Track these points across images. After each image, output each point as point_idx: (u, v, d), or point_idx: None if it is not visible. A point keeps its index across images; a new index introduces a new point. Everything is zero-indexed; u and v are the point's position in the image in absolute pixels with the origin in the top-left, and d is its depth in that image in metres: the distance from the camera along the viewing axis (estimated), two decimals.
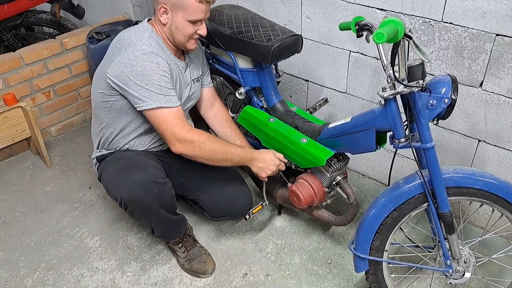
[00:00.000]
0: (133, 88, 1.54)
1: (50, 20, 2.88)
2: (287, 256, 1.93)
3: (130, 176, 1.62)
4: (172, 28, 1.60)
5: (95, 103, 1.75)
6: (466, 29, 1.63)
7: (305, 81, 2.28)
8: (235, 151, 1.69)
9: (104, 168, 1.75)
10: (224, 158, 1.66)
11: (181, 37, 1.62)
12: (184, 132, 1.58)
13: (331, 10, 1.98)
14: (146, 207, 1.62)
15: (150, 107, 1.55)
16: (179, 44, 1.65)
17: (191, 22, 1.58)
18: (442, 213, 1.40)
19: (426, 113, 1.30)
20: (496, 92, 1.68)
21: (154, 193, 1.61)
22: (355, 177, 2.35)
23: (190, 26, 1.59)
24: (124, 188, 1.61)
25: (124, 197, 1.61)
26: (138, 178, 1.60)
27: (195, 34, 1.63)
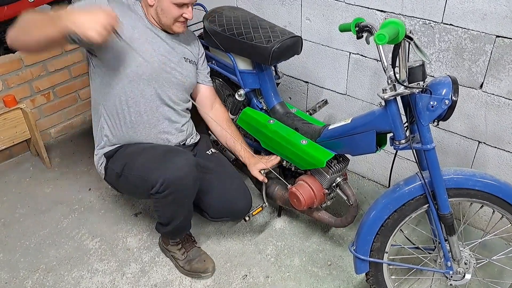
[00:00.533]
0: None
1: None
2: (287, 258, 1.93)
3: (175, 158, 1.61)
4: (158, 10, 1.63)
5: (91, 90, 1.76)
6: (466, 31, 1.64)
7: (305, 83, 2.28)
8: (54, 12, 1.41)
9: (128, 161, 1.71)
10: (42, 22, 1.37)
11: (166, 19, 1.64)
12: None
13: (331, 12, 1.98)
14: (188, 188, 1.62)
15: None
16: (165, 25, 1.67)
17: (176, 5, 1.60)
18: (443, 214, 1.39)
19: (427, 114, 1.30)
20: (496, 94, 1.68)
21: (196, 175, 1.62)
22: (355, 179, 2.35)
23: (176, 9, 1.61)
24: (171, 169, 1.58)
25: (168, 177, 1.57)
26: (185, 159, 1.61)
27: (181, 17, 1.65)
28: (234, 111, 1.96)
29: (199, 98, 1.91)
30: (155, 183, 1.59)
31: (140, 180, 1.68)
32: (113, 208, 2.21)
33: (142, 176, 1.66)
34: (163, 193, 1.60)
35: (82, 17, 1.30)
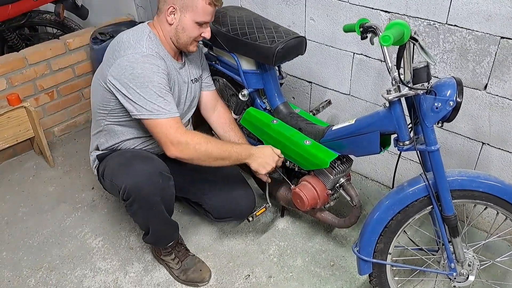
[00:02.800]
0: (132, 91, 1.53)
1: (54, 20, 2.89)
2: (290, 258, 1.93)
3: (137, 165, 1.61)
4: (179, 29, 1.60)
5: (94, 107, 1.75)
6: (470, 32, 1.63)
7: (309, 83, 2.28)
8: (232, 149, 1.65)
9: (107, 163, 1.73)
10: (221, 157, 1.62)
11: (186, 38, 1.62)
12: (178, 135, 1.55)
13: (335, 12, 1.97)
14: (148, 198, 1.59)
15: (148, 117, 1.54)
16: (182, 45, 1.65)
17: (198, 23, 1.59)
18: (447, 216, 1.39)
19: (431, 115, 1.29)
20: (500, 95, 1.67)
21: (159, 184, 1.59)
22: (358, 179, 2.35)
23: (197, 28, 1.61)
24: (130, 176, 1.58)
25: (128, 185, 1.57)
26: (145, 167, 1.60)
27: (199, 37, 1.64)
28: (237, 111, 1.96)
29: (201, 102, 1.92)
30: (119, 190, 1.61)
31: (111, 185, 1.70)
32: (116, 207, 2.22)
33: (111, 181, 1.68)
34: (128, 200, 1.61)
35: (260, 159, 1.67)
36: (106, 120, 1.72)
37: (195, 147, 1.57)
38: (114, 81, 1.55)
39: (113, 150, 1.79)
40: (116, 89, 1.56)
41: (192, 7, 1.55)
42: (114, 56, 1.57)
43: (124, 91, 1.54)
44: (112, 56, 1.59)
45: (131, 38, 1.59)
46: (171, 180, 1.67)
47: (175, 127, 1.55)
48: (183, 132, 1.57)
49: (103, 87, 1.62)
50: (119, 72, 1.54)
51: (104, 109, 1.69)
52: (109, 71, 1.56)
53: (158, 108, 1.54)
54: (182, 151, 1.56)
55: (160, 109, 1.54)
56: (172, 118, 1.56)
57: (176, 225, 1.83)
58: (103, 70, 1.63)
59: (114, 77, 1.55)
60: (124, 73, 1.53)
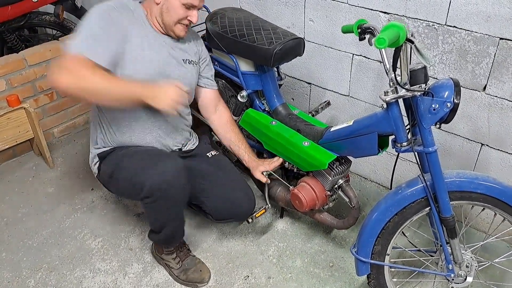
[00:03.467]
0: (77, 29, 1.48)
1: (54, 21, 2.89)
2: (289, 259, 1.93)
3: (162, 163, 1.57)
4: (164, 8, 1.60)
5: None
6: (469, 33, 1.63)
7: (308, 84, 2.28)
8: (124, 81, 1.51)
9: (119, 163, 1.69)
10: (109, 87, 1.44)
11: (169, 19, 1.61)
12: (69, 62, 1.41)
13: (334, 13, 1.97)
14: (174, 194, 1.57)
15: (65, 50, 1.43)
16: (167, 26, 1.64)
17: (184, 5, 1.58)
18: (444, 217, 1.39)
19: (429, 117, 1.29)
20: (499, 96, 1.67)
21: (183, 181, 1.58)
22: (357, 180, 2.35)
23: (183, 10, 1.59)
24: (156, 174, 1.54)
25: (155, 182, 1.53)
26: (171, 165, 1.57)
27: (185, 20, 1.62)
28: (236, 112, 1.97)
29: (202, 101, 1.91)
30: (142, 188, 1.57)
31: (129, 184, 1.66)
32: (116, 208, 2.22)
33: (130, 180, 1.64)
34: (150, 198, 1.58)
35: (156, 92, 1.46)
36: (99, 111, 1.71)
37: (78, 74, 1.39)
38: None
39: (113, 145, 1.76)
40: None
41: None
42: None
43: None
44: None
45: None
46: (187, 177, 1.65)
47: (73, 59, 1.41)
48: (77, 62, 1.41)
49: None
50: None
51: None
52: None
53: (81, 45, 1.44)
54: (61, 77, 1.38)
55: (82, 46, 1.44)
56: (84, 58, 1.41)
57: (184, 224, 1.82)
58: None
59: None
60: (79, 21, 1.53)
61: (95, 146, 1.81)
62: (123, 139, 1.74)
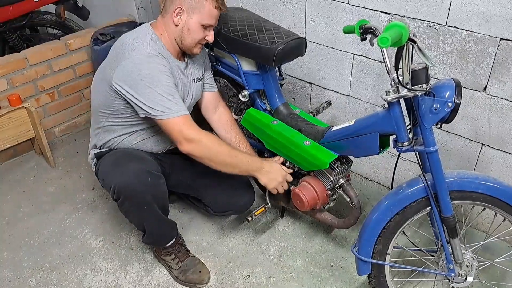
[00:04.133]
0: (142, 92, 1.53)
1: (55, 21, 2.90)
2: (290, 259, 1.94)
3: (126, 165, 1.62)
4: (184, 30, 1.61)
5: (95, 107, 1.76)
6: (470, 33, 1.63)
7: (309, 84, 2.29)
8: (244, 157, 1.69)
9: (101, 162, 1.75)
10: (232, 163, 1.65)
11: (190, 40, 1.64)
12: (192, 131, 1.58)
13: (335, 13, 1.98)
14: (139, 196, 1.60)
15: (160, 117, 1.55)
16: (186, 46, 1.66)
17: (203, 26, 1.61)
18: (445, 217, 1.40)
19: (430, 117, 1.30)
20: (500, 96, 1.68)
21: (148, 182, 1.60)
22: (358, 180, 2.35)
23: (202, 31, 1.62)
24: (119, 176, 1.60)
25: (117, 184, 1.59)
26: (132, 167, 1.61)
27: (203, 40, 1.66)
28: (238, 112, 1.97)
29: (203, 103, 1.93)
30: (109, 189, 1.63)
31: (103, 184, 1.73)
32: (117, 207, 2.18)
33: (103, 180, 1.71)
34: (118, 200, 1.64)
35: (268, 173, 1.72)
36: (107, 121, 1.73)
37: (207, 145, 1.60)
38: (121, 83, 1.56)
39: (110, 148, 1.80)
40: (124, 91, 1.56)
41: (199, 9, 1.57)
42: (118, 59, 1.57)
43: (133, 93, 1.55)
44: (116, 59, 1.59)
45: (135, 40, 1.59)
46: (161, 178, 1.68)
47: (188, 124, 1.58)
48: (197, 129, 1.60)
49: (106, 89, 1.63)
50: (126, 74, 1.54)
51: (106, 110, 1.70)
52: (114, 74, 1.57)
53: (169, 107, 1.55)
54: (195, 148, 1.58)
55: (172, 108, 1.55)
56: (184, 116, 1.58)
57: (173, 224, 1.84)
58: (106, 72, 1.63)
59: (120, 80, 1.56)
60: (131, 75, 1.54)
61: (93, 146, 1.86)
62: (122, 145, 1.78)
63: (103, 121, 1.74)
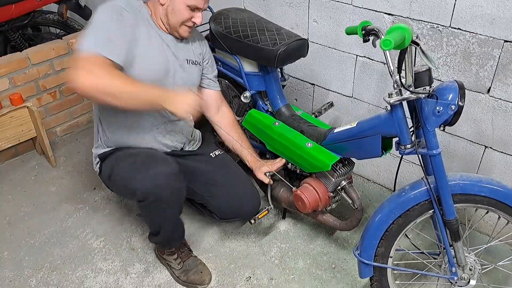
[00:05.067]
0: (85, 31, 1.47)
1: (57, 20, 2.89)
2: (291, 260, 1.93)
3: (154, 167, 1.58)
4: (169, 10, 1.60)
5: None
6: (474, 35, 1.62)
7: (311, 85, 2.28)
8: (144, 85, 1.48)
9: (115, 165, 1.71)
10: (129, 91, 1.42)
11: (174, 20, 1.61)
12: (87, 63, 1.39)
13: (338, 14, 1.97)
14: (167, 198, 1.58)
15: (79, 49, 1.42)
16: (171, 27, 1.64)
17: (189, 7, 1.58)
18: (448, 220, 1.39)
19: (433, 119, 1.29)
20: (503, 99, 1.67)
21: (175, 186, 1.59)
22: (360, 182, 2.34)
23: (187, 12, 1.59)
24: (147, 178, 1.56)
25: (146, 187, 1.55)
26: (162, 169, 1.58)
27: (190, 21, 1.63)
28: (239, 113, 1.96)
29: (206, 102, 1.90)
30: (135, 192, 1.58)
31: (123, 186, 1.69)
32: (118, 208, 2.22)
33: (125, 183, 1.66)
34: (144, 202, 1.60)
35: (174, 97, 1.45)
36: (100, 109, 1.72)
37: (97, 74, 1.38)
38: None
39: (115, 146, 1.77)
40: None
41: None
42: None
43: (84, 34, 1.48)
44: None
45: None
46: (183, 182, 1.66)
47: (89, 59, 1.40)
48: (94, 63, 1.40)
49: None
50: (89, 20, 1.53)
51: None
52: None
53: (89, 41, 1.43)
54: (80, 78, 1.36)
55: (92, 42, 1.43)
56: (101, 57, 1.41)
57: (183, 225, 1.83)
58: None
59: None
60: (91, 19, 1.52)
61: (96, 146, 1.83)
62: (122, 139, 1.75)
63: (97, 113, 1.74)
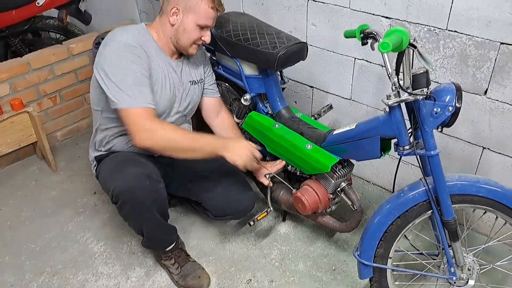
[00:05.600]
0: (109, 78, 1.52)
1: (57, 25, 2.91)
2: (292, 263, 1.94)
3: (125, 169, 1.62)
4: (180, 30, 1.63)
5: (91, 104, 1.78)
6: (470, 37, 1.64)
7: (310, 88, 2.30)
8: (203, 139, 1.61)
9: (102, 165, 1.76)
10: (192, 148, 1.58)
11: (186, 40, 1.65)
12: (147, 121, 1.52)
13: (337, 18, 1.99)
14: (138, 200, 1.59)
15: (118, 105, 1.52)
16: (182, 46, 1.67)
17: (199, 26, 1.62)
18: (446, 220, 1.40)
19: (431, 121, 1.31)
20: (500, 100, 1.69)
21: (147, 186, 1.59)
22: (359, 184, 2.36)
23: (198, 31, 1.63)
24: (118, 179, 1.60)
25: (116, 188, 1.58)
26: (132, 170, 1.61)
27: (199, 40, 1.66)
28: (240, 115, 1.98)
29: (204, 108, 1.94)
30: (110, 192, 1.62)
31: (104, 187, 1.73)
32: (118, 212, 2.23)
33: (103, 184, 1.71)
34: (117, 203, 1.63)
35: (234, 149, 1.61)
36: (100, 119, 1.75)
37: (162, 135, 1.53)
38: (98, 69, 1.56)
39: (108, 149, 1.80)
40: (99, 78, 1.56)
41: (195, 9, 1.58)
42: (102, 46, 1.59)
43: (104, 79, 1.54)
44: (100, 48, 1.61)
45: (121, 30, 1.61)
46: (160, 183, 1.67)
47: (146, 116, 1.52)
48: (153, 120, 1.54)
49: (95, 83, 1.64)
50: (102, 60, 1.55)
51: (97, 106, 1.72)
52: (95, 62, 1.59)
53: (130, 95, 1.52)
54: (148, 138, 1.52)
55: (133, 96, 1.52)
56: (146, 108, 1.53)
57: (173, 229, 1.84)
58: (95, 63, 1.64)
59: (98, 66, 1.57)
60: (104, 61, 1.54)
61: (93, 149, 1.87)
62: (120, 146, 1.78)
63: (98, 120, 1.76)
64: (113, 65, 1.54)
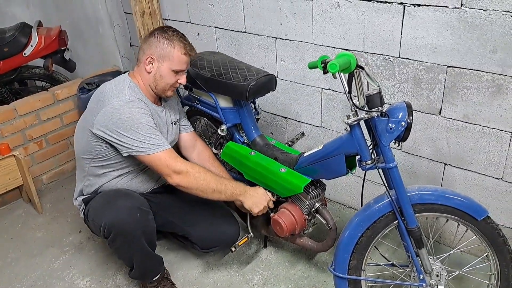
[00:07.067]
0: (125, 134, 1.66)
1: (43, 74, 3.02)
2: (274, 286, 1.99)
3: (115, 202, 1.70)
4: (157, 76, 1.76)
5: (78, 153, 1.87)
6: (421, 63, 1.81)
7: (284, 118, 2.43)
8: (229, 183, 1.79)
9: (91, 204, 1.82)
10: (218, 189, 1.75)
11: (163, 85, 1.78)
12: (179, 164, 1.70)
13: (302, 53, 2.16)
14: (129, 232, 1.67)
15: (145, 153, 1.67)
16: (160, 90, 1.80)
17: (174, 71, 1.76)
18: (410, 228, 1.50)
19: (387, 135, 1.44)
20: (454, 118, 1.83)
21: (138, 218, 1.68)
22: (336, 208, 2.45)
23: (173, 76, 1.77)
24: (109, 213, 1.68)
25: (108, 221, 1.66)
26: (123, 203, 1.69)
27: (176, 83, 1.81)
28: (217, 146, 2.09)
29: (182, 145, 2.07)
30: (101, 227, 1.70)
31: (93, 224, 1.80)
32: (103, 248, 2.27)
33: (93, 221, 1.78)
34: (109, 237, 1.70)
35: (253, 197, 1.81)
36: (90, 166, 1.84)
37: (195, 176, 1.71)
38: (103, 129, 1.68)
39: (97, 192, 1.88)
40: (107, 136, 1.68)
41: (169, 57, 1.73)
42: (99, 106, 1.70)
43: (116, 135, 1.67)
44: (96, 106, 1.72)
45: (114, 88, 1.73)
46: (149, 214, 1.76)
47: (173, 157, 1.70)
48: (183, 161, 1.72)
49: (88, 135, 1.74)
50: (107, 119, 1.67)
51: (88, 155, 1.81)
52: (95, 120, 1.69)
53: (153, 143, 1.68)
54: (183, 179, 1.70)
55: (155, 144, 1.68)
56: (168, 150, 1.71)
57: (160, 259, 1.89)
58: (87, 119, 1.75)
59: (102, 125, 1.68)
60: (112, 119, 1.66)
61: (79, 194, 1.95)
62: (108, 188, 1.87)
63: (87, 166, 1.84)
64: (124, 122, 1.65)
